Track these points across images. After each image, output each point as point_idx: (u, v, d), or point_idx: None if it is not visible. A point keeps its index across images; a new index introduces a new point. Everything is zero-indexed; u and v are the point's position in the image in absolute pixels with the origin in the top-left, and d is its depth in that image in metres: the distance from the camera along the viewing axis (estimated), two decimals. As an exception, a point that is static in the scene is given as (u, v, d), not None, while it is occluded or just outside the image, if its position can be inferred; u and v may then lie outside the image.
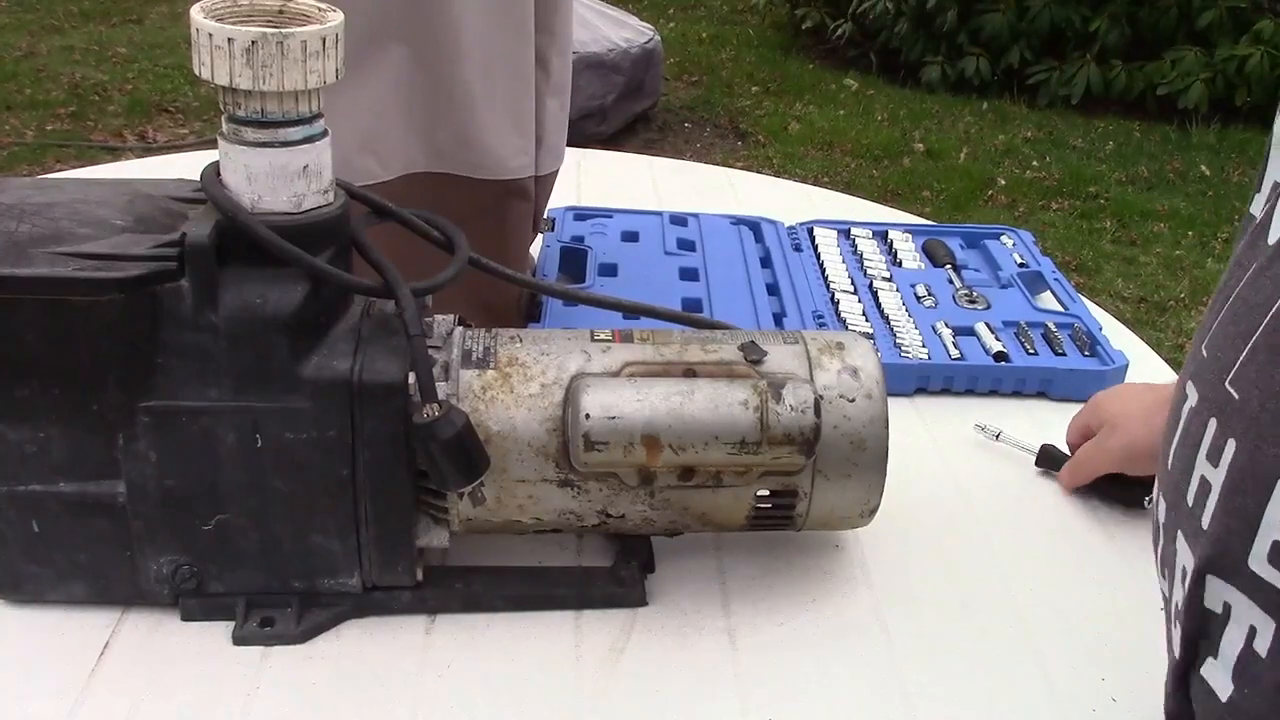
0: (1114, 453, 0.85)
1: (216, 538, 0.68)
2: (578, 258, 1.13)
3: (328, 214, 0.66)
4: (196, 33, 0.61)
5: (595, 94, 3.77)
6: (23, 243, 0.63)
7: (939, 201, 3.59)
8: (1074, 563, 0.81)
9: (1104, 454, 0.85)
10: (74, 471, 0.66)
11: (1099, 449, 0.85)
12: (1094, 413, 0.88)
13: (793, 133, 4.14)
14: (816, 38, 5.03)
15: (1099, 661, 0.72)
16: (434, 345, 0.69)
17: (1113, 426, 0.85)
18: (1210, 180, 3.86)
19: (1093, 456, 0.86)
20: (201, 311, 0.63)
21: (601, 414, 0.67)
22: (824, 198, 1.49)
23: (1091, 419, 0.88)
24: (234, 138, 0.64)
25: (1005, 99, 4.46)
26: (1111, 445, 0.85)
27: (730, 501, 0.71)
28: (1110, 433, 0.85)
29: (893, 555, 0.80)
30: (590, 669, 0.69)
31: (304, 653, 0.69)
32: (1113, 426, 0.85)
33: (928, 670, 0.71)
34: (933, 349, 1.02)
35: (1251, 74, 4.07)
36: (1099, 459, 0.86)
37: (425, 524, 0.70)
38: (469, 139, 0.90)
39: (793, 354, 0.72)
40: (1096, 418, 0.87)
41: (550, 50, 0.93)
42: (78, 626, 0.69)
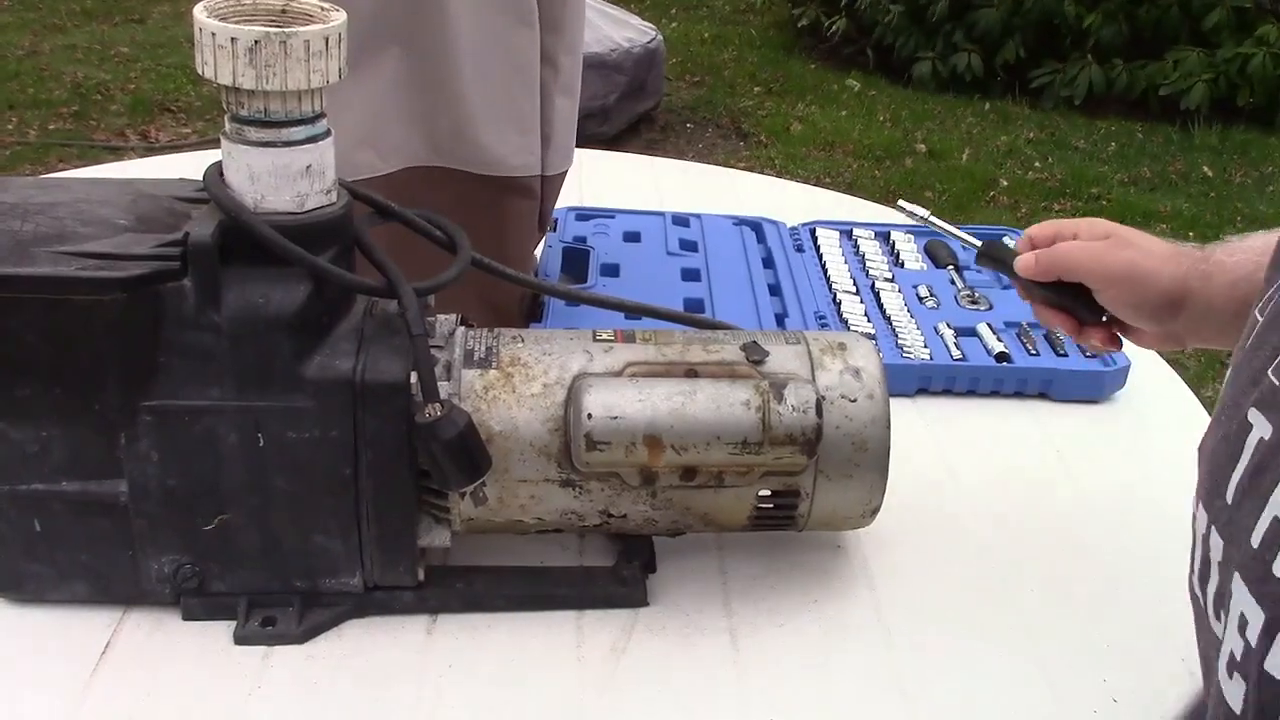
0: (1117, 264, 0.74)
1: (218, 537, 0.68)
2: (580, 258, 1.13)
3: (330, 214, 0.66)
4: (200, 32, 0.61)
5: (597, 94, 3.76)
6: (26, 242, 0.63)
7: (941, 202, 3.59)
8: (1074, 563, 0.81)
9: (1104, 260, 0.75)
10: (76, 471, 0.66)
11: (1099, 253, 0.75)
12: (1092, 226, 0.78)
13: (795, 133, 4.14)
14: (817, 37, 5.04)
15: (1099, 662, 0.72)
16: (436, 345, 0.69)
17: (1126, 240, 0.75)
18: (1212, 181, 3.86)
19: (1087, 258, 0.75)
20: (204, 311, 0.63)
21: (604, 414, 0.67)
22: (826, 198, 1.49)
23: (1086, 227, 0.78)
24: (237, 137, 0.64)
25: (1007, 99, 4.46)
26: (1119, 256, 0.74)
27: (732, 502, 0.71)
28: (1122, 245, 0.75)
29: (894, 556, 0.80)
30: (592, 669, 0.69)
31: (305, 652, 0.69)
32: (1126, 240, 0.75)
33: (928, 670, 0.71)
34: (934, 349, 1.02)
35: (1254, 74, 4.07)
36: (1094, 263, 0.75)
37: (427, 524, 0.70)
38: (467, 136, 0.90)
39: (795, 354, 0.72)
40: (1097, 228, 0.77)
41: (558, 49, 0.93)
42: (79, 626, 0.69)
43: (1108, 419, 0.99)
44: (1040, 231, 0.80)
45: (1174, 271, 0.72)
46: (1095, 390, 1.01)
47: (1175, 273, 0.72)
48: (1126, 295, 0.74)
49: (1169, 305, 0.73)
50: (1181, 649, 0.73)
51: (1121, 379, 1.02)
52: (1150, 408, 1.01)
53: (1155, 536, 0.85)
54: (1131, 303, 0.74)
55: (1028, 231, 0.81)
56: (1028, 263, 0.78)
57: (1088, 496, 0.88)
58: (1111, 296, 0.75)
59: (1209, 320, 0.72)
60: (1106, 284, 0.75)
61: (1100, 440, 0.96)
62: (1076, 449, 0.94)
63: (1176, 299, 0.73)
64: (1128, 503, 0.88)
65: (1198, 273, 0.72)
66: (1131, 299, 0.74)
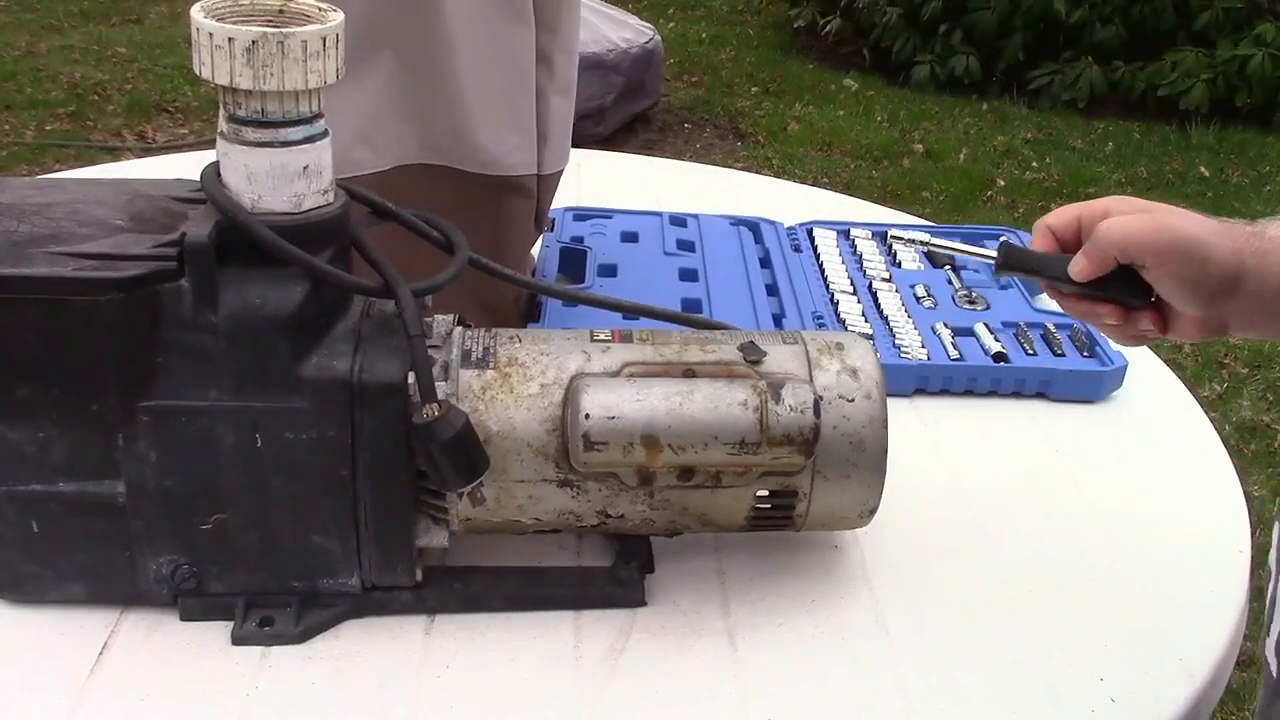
0: (1173, 235, 0.66)
1: (216, 538, 0.68)
2: (577, 258, 1.13)
3: (328, 214, 0.66)
4: (197, 32, 0.61)
5: (595, 94, 3.76)
6: (22, 242, 0.63)
7: (938, 202, 3.59)
8: (1073, 563, 0.81)
9: (1159, 233, 0.66)
10: (73, 471, 0.66)
11: (1151, 226, 0.67)
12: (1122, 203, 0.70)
13: (792, 133, 4.14)
14: (815, 38, 5.04)
15: (1098, 662, 0.72)
16: (433, 345, 0.69)
17: (1172, 211, 0.68)
18: (1209, 181, 3.87)
19: (1140, 232, 0.67)
20: (201, 311, 0.63)
21: (601, 414, 0.67)
22: (823, 198, 1.49)
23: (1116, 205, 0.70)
24: (234, 137, 0.64)
25: (1005, 100, 4.46)
26: (1173, 225, 0.66)
27: (730, 502, 0.71)
28: (1170, 215, 0.67)
29: (892, 556, 0.80)
30: (590, 669, 0.69)
31: (303, 653, 0.69)
32: (1172, 211, 0.68)
33: (927, 670, 0.71)
34: (932, 350, 1.02)
35: (1253, 75, 4.07)
36: (1148, 237, 0.66)
37: (425, 524, 0.70)
38: (464, 135, 0.90)
39: (792, 354, 0.72)
40: (1129, 205, 0.70)
41: (554, 48, 0.93)
42: (77, 626, 0.69)
43: (1105, 419, 1.00)
44: (1061, 220, 0.72)
45: (1230, 245, 0.65)
46: (1093, 390, 1.01)
47: (1231, 246, 0.65)
48: (1184, 269, 0.66)
49: (1224, 284, 0.66)
50: (1180, 649, 0.73)
51: (1119, 379, 1.02)
52: (1148, 408, 1.01)
53: (1153, 536, 0.85)
54: (1188, 278, 0.66)
55: (1044, 222, 0.72)
56: (1082, 266, 0.69)
57: (1085, 496, 0.88)
58: (1166, 273, 0.66)
59: (1262, 304, 0.66)
60: (1162, 259, 0.66)
61: (1098, 440, 0.96)
62: (1074, 449, 0.95)
63: (1232, 277, 0.65)
64: (1125, 502, 0.88)
65: (1253, 249, 0.65)
66: (1188, 274, 0.66)
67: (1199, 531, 0.85)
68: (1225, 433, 2.46)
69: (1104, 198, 0.71)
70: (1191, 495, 0.91)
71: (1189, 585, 0.80)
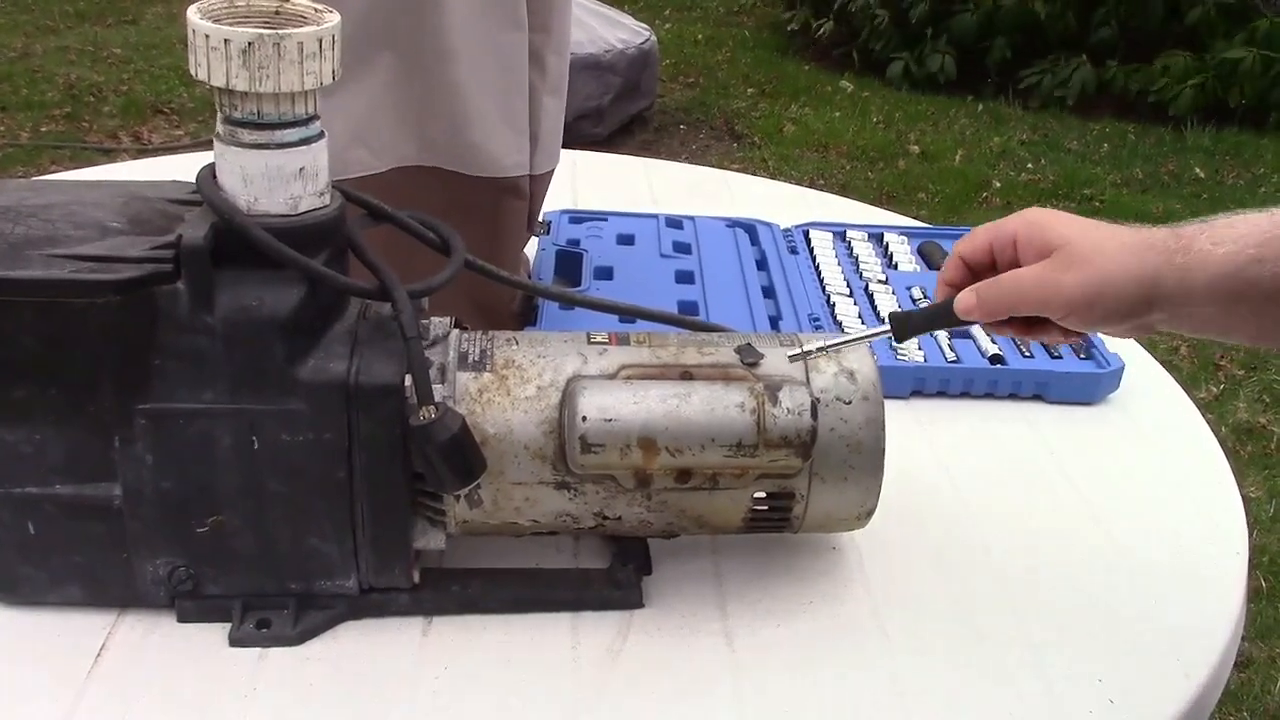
0: (1075, 291, 0.64)
1: (213, 540, 0.68)
2: (573, 261, 1.13)
3: (324, 216, 0.66)
4: (193, 34, 0.61)
5: (591, 95, 3.77)
6: (18, 244, 0.63)
7: (934, 203, 3.60)
8: (1071, 565, 0.81)
9: (1061, 289, 0.64)
10: (70, 473, 0.66)
11: (1052, 281, 0.64)
12: (1032, 230, 0.67)
13: (788, 134, 4.15)
14: (810, 39, 5.04)
15: (1096, 663, 0.72)
16: (430, 348, 0.69)
17: (1077, 255, 0.64)
18: (1205, 182, 3.87)
19: (1040, 290, 0.65)
20: (197, 314, 0.63)
21: (598, 416, 0.66)
22: (819, 200, 1.49)
23: (1025, 234, 0.67)
24: (230, 139, 0.64)
25: (1000, 101, 4.47)
26: (1074, 281, 0.64)
27: (727, 504, 0.71)
28: (1074, 263, 0.64)
29: (889, 557, 0.80)
30: (587, 671, 0.69)
31: (300, 654, 0.69)
32: (1077, 255, 0.64)
33: (925, 672, 0.71)
34: (928, 352, 1.02)
35: (1244, 76, 4.07)
36: (1049, 294, 0.65)
37: (422, 526, 0.70)
38: (460, 135, 0.90)
39: (789, 356, 0.72)
40: (1038, 237, 0.66)
41: (546, 49, 0.93)
42: (74, 629, 0.69)
43: (1102, 420, 1.00)
44: (971, 248, 0.69)
45: (1141, 273, 0.63)
46: (1089, 392, 1.01)
47: (1143, 274, 0.63)
48: (1086, 319, 0.65)
49: (1137, 308, 0.64)
50: (1178, 650, 0.73)
51: (1116, 381, 1.02)
52: (1144, 409, 1.02)
53: (1150, 538, 0.85)
54: (1094, 322, 0.66)
55: (957, 249, 0.70)
56: (968, 303, 0.67)
57: (1082, 498, 0.88)
58: (1072, 322, 0.66)
59: (1185, 316, 0.65)
60: (1063, 315, 0.65)
61: (1094, 441, 0.96)
62: (1071, 450, 0.95)
63: (1147, 300, 0.64)
64: (1122, 503, 0.88)
65: (1173, 267, 0.63)
66: (1091, 321, 0.65)
67: (1196, 533, 0.86)
68: (1222, 434, 2.46)
69: (1016, 217, 0.68)
70: (1188, 497, 0.91)
71: (1187, 586, 0.80)
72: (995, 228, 0.68)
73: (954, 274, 0.71)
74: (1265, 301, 0.61)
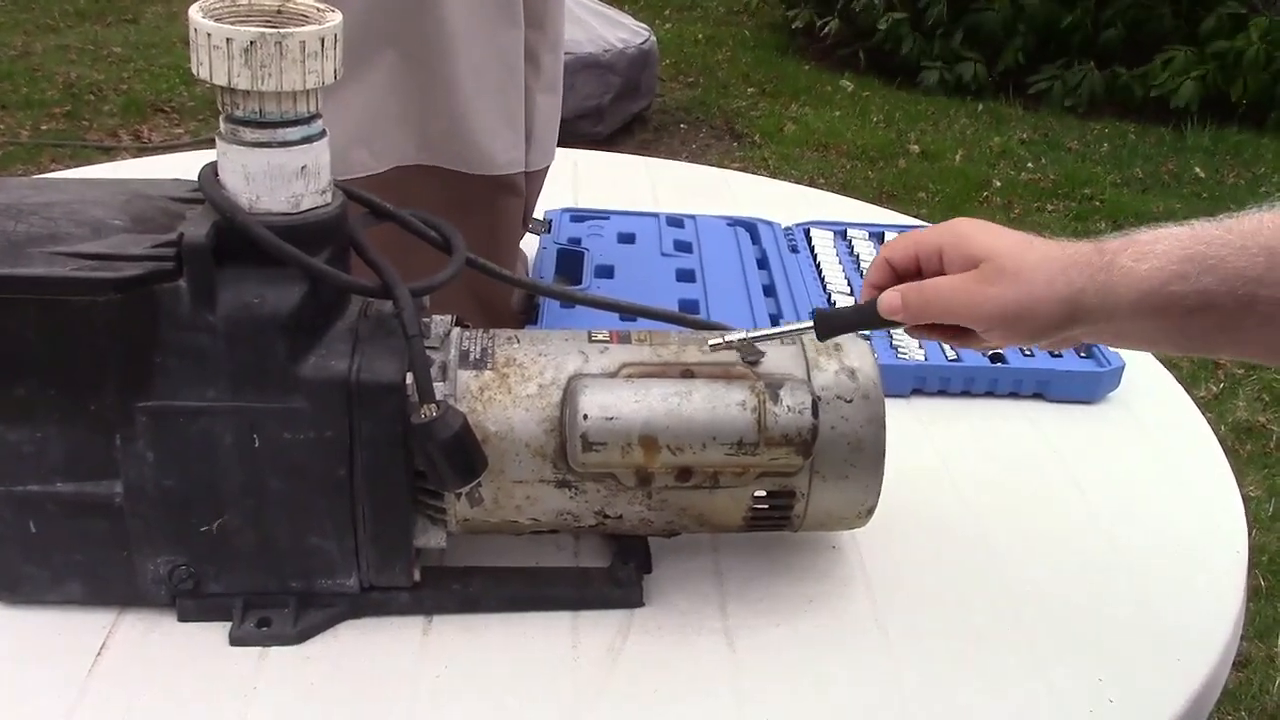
0: (1000, 305, 0.64)
1: (214, 538, 0.68)
2: (574, 259, 1.13)
3: (326, 214, 0.66)
4: (195, 32, 0.61)
5: (591, 94, 3.76)
6: (20, 242, 0.63)
7: (934, 203, 3.60)
8: (1071, 563, 0.81)
9: (980, 304, 0.64)
10: (71, 472, 0.66)
11: (972, 295, 0.64)
12: (958, 241, 0.66)
13: (788, 134, 4.14)
14: (811, 38, 5.04)
15: (1096, 662, 0.72)
16: (432, 346, 0.69)
17: (1002, 270, 0.64)
18: (1205, 182, 3.87)
19: (960, 303, 0.65)
20: (199, 312, 0.63)
21: (599, 414, 0.67)
22: (820, 199, 1.49)
23: (951, 245, 0.67)
24: (232, 138, 0.64)
25: (1000, 100, 4.47)
26: (999, 295, 0.63)
27: (727, 502, 0.71)
28: (999, 277, 0.64)
29: (890, 556, 0.80)
30: (587, 669, 0.69)
31: (301, 653, 0.69)
32: (1002, 270, 0.64)
33: (925, 671, 0.71)
34: (929, 350, 1.02)
35: (1247, 66, 4.06)
36: (969, 308, 0.65)
37: (422, 524, 0.70)
38: (460, 134, 0.90)
39: (790, 355, 0.72)
40: (963, 249, 0.66)
41: (541, 47, 0.93)
42: (75, 627, 0.69)
43: (1102, 419, 1.00)
44: (898, 254, 0.69)
45: (1063, 293, 0.63)
46: (1089, 391, 1.01)
47: (1065, 294, 0.63)
48: (1009, 334, 0.66)
49: (1061, 324, 0.64)
50: (1177, 649, 0.73)
51: (1116, 379, 1.02)
52: (1144, 408, 1.02)
53: (1150, 536, 0.85)
54: (1017, 338, 0.67)
55: (883, 253, 0.70)
56: (893, 304, 0.67)
57: (1083, 496, 0.88)
58: (993, 337, 0.67)
59: (1109, 331, 0.65)
60: (986, 327, 0.65)
61: (1095, 440, 0.97)
62: (1071, 449, 0.95)
63: (1070, 317, 0.63)
64: (1123, 502, 0.88)
65: (1095, 285, 0.62)
66: (1014, 336, 0.66)
67: (1196, 531, 0.86)
68: (1221, 433, 2.46)
69: (943, 228, 0.68)
70: (1188, 495, 0.91)
71: (1186, 585, 0.80)
72: (920, 236, 0.68)
73: (878, 276, 0.70)
74: (1187, 316, 0.60)
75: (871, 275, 0.71)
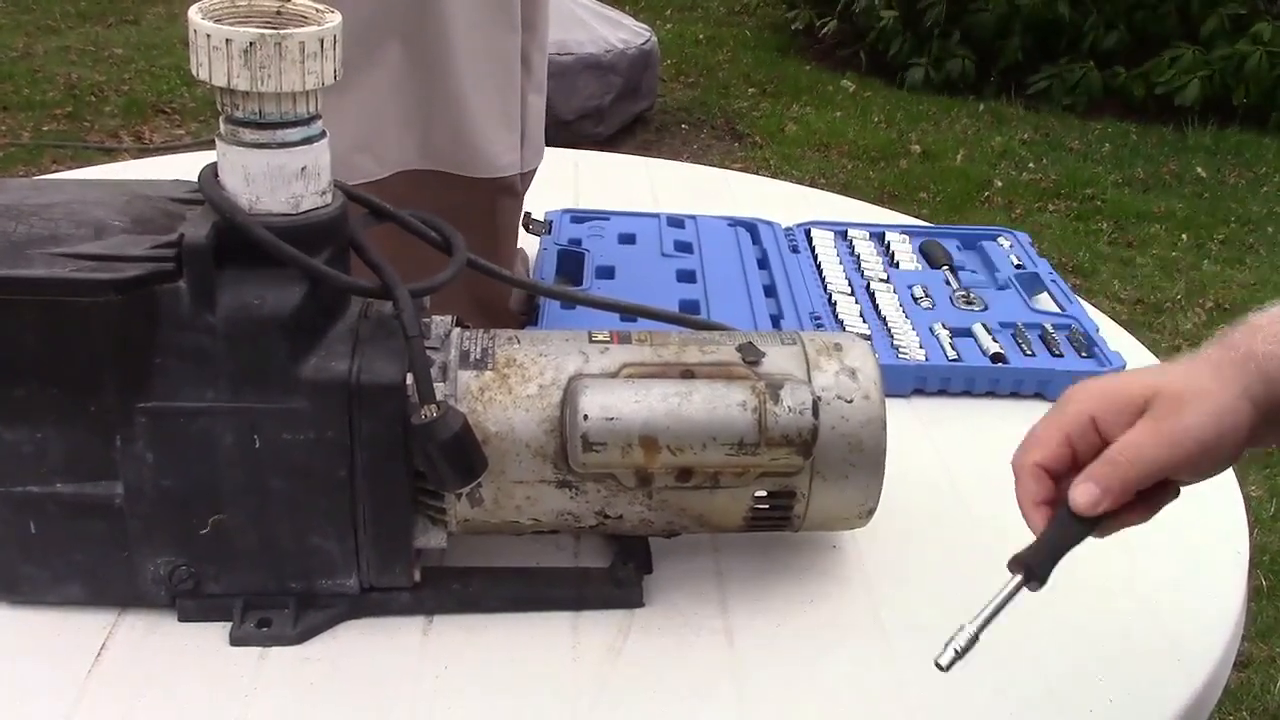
0: (1199, 431, 0.56)
1: (214, 539, 0.68)
2: (575, 260, 1.13)
3: (326, 215, 0.66)
4: (194, 34, 0.61)
5: (592, 95, 3.76)
6: (20, 243, 0.63)
7: (935, 203, 3.60)
8: (1071, 564, 0.81)
9: (1183, 436, 0.56)
10: (71, 472, 0.66)
11: (1168, 431, 0.56)
12: (1108, 397, 0.59)
13: (789, 134, 4.14)
14: (812, 39, 5.04)
15: (1096, 662, 0.72)
16: (432, 346, 0.69)
17: (1178, 395, 0.57)
18: (1206, 182, 3.87)
19: (1165, 444, 0.56)
20: (199, 312, 0.63)
21: (599, 415, 0.66)
22: (821, 199, 1.49)
23: (1102, 406, 0.59)
24: (232, 139, 0.64)
25: (1002, 101, 4.47)
26: (1194, 422, 0.56)
27: (728, 502, 0.71)
28: (1179, 404, 0.56)
29: (890, 556, 0.80)
30: (588, 669, 0.69)
31: (301, 654, 0.69)
32: (1178, 395, 0.57)
33: (925, 670, 0.71)
34: (930, 350, 1.02)
35: (1250, 74, 4.07)
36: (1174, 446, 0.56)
37: (423, 525, 0.70)
38: (462, 138, 0.91)
39: (790, 355, 0.72)
40: (1120, 401, 0.58)
41: (531, 47, 0.94)
42: (74, 628, 0.69)
43: (1103, 419, 0.99)
44: (1046, 453, 0.61)
45: (1237, 391, 0.57)
46: (1090, 390, 1.01)
47: (1238, 391, 0.57)
48: (1214, 462, 0.58)
49: (1252, 428, 0.58)
50: (1178, 649, 0.73)
51: (1116, 379, 1.02)
52: (1145, 408, 1.01)
53: (1151, 536, 0.85)
54: (1219, 464, 0.59)
55: (1028, 462, 0.61)
56: (1091, 495, 0.57)
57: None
58: (1195, 476, 0.59)
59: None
60: (1199, 456, 0.57)
61: (1095, 440, 0.96)
62: (1072, 449, 0.94)
63: (1259, 417, 0.58)
64: (1123, 503, 0.88)
65: (1260, 377, 0.57)
66: (1218, 462, 0.58)
67: (1197, 532, 0.85)
68: (1222, 433, 2.46)
69: (1073, 399, 0.61)
70: (1189, 495, 0.90)
71: (1187, 585, 0.80)
72: (1058, 420, 0.60)
73: (1039, 488, 0.61)
74: None
75: (1030, 493, 0.62)
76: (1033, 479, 0.61)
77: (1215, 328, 0.66)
